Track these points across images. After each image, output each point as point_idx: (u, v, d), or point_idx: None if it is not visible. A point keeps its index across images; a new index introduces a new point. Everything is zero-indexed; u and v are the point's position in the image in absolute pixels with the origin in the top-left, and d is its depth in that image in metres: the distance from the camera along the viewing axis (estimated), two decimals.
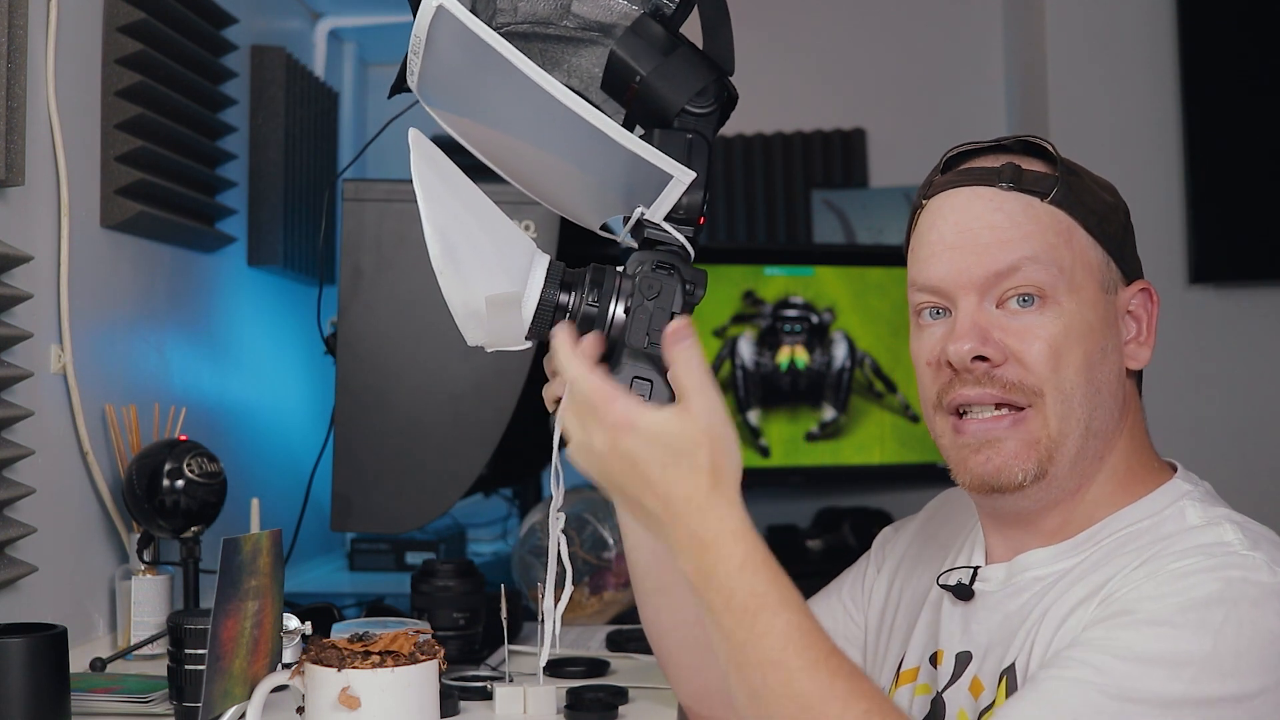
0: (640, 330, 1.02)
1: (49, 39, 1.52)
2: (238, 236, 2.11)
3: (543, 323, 1.05)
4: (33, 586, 1.45)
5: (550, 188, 1.16)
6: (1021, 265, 0.99)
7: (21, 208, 1.47)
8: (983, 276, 1.00)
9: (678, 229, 1.06)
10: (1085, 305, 1.00)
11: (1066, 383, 0.99)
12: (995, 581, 1.05)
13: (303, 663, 1.02)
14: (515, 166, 1.15)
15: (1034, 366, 0.99)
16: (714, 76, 1.06)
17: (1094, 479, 1.02)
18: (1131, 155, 2.48)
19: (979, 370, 1.00)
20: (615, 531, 1.80)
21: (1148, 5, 2.52)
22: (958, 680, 1.04)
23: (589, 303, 1.04)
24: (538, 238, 1.60)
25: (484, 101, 1.08)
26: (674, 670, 1.24)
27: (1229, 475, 1.10)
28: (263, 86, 2.20)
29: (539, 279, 1.04)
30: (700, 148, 1.05)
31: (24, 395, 1.45)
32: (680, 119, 1.06)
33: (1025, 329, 0.99)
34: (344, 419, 1.64)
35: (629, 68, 1.05)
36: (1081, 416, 0.99)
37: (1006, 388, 1.00)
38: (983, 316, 1.01)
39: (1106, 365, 1.00)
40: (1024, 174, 1.02)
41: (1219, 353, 2.46)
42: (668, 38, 1.06)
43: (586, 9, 1.09)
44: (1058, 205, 1.01)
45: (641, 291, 1.03)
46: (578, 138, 1.02)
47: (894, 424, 2.47)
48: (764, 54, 2.79)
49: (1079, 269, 1.00)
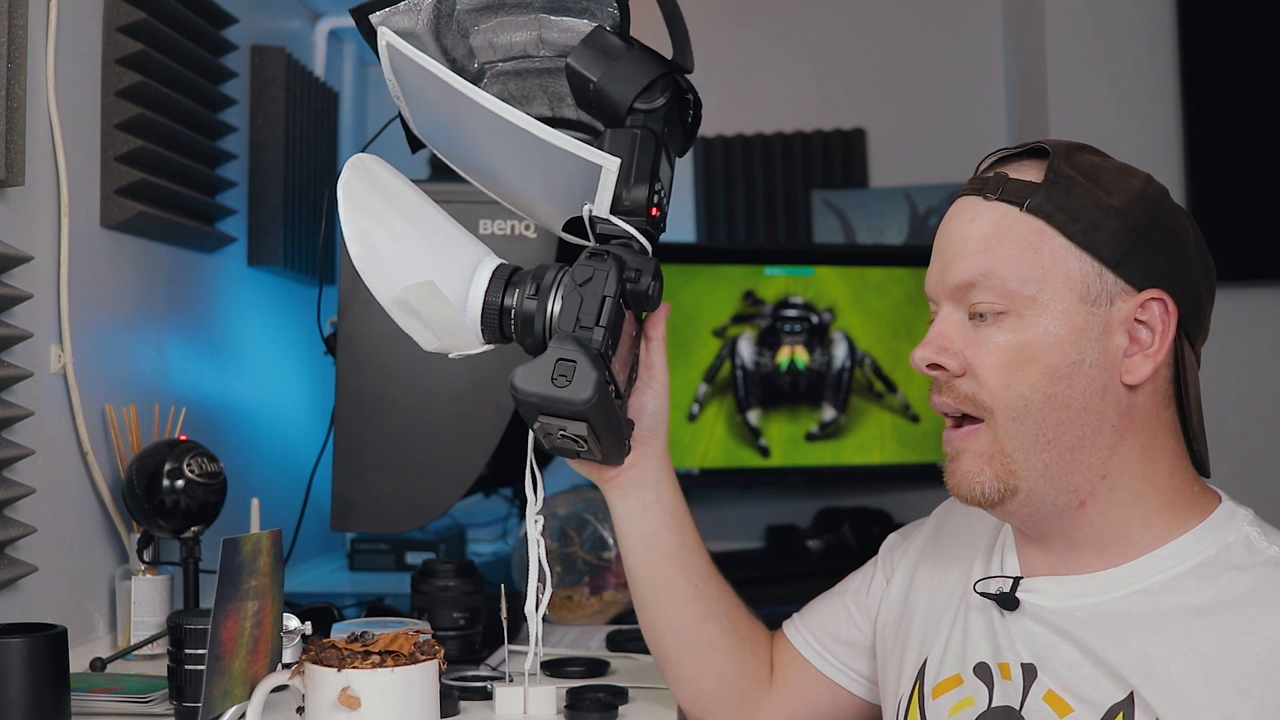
0: (570, 314, 1.03)
1: (49, 39, 1.52)
2: (238, 236, 2.11)
3: (490, 323, 1.07)
4: (33, 586, 1.45)
5: (518, 198, 1.20)
6: (976, 282, 1.00)
7: (21, 208, 1.47)
8: (951, 288, 1.02)
9: (628, 221, 1.07)
10: (1053, 318, 0.98)
11: (1018, 399, 0.98)
12: (1049, 596, 1.03)
13: (303, 663, 1.02)
14: (493, 183, 1.20)
15: (985, 381, 1.00)
16: (660, 73, 1.08)
17: (1101, 495, 1.00)
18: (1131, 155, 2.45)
19: (940, 378, 1.03)
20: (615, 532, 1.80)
21: (1148, 5, 2.51)
22: (1029, 694, 1.01)
23: (528, 297, 1.05)
24: (536, 239, 1.61)
25: (452, 127, 1.13)
26: (673, 674, 1.24)
27: (1229, 475, 1.09)
28: (263, 86, 2.20)
29: (483, 280, 1.07)
30: (647, 141, 1.07)
31: (24, 395, 1.45)
32: (631, 117, 1.09)
33: (981, 342, 1.00)
34: (344, 419, 1.64)
35: (583, 77, 1.09)
36: (1037, 432, 0.98)
37: (959, 399, 1.01)
38: (950, 326, 1.02)
39: (1080, 379, 0.98)
40: (1009, 183, 1.01)
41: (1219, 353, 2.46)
42: (618, 44, 1.09)
43: (555, 35, 1.14)
44: (1034, 213, 0.99)
45: (573, 278, 1.04)
46: (519, 144, 1.05)
47: (894, 424, 2.47)
48: (764, 54, 2.79)
49: (1052, 280, 0.98)
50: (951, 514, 1.22)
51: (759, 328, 2.41)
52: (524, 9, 1.12)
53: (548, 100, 1.18)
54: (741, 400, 2.39)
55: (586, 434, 1.03)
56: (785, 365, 2.43)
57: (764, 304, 2.41)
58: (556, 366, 1.00)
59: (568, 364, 1.00)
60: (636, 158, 1.06)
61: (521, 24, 1.13)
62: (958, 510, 1.21)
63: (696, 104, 1.15)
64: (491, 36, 1.14)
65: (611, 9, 1.11)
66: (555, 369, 1.00)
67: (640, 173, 1.06)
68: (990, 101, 2.79)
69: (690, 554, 1.20)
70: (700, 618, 1.20)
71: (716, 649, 1.21)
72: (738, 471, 2.41)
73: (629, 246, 1.07)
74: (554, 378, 1.00)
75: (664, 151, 1.09)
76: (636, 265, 1.05)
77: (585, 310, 1.02)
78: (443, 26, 1.12)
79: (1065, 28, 2.54)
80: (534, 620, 1.15)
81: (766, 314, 2.41)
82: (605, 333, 1.02)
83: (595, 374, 0.99)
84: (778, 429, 2.43)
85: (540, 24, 1.13)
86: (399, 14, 1.10)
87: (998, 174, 1.03)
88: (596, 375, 0.99)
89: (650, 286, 1.06)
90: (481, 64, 1.16)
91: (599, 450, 1.08)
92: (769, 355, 2.42)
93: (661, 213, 1.09)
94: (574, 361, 1.00)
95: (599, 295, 1.03)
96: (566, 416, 1.01)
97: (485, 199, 1.24)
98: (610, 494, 1.18)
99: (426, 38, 1.11)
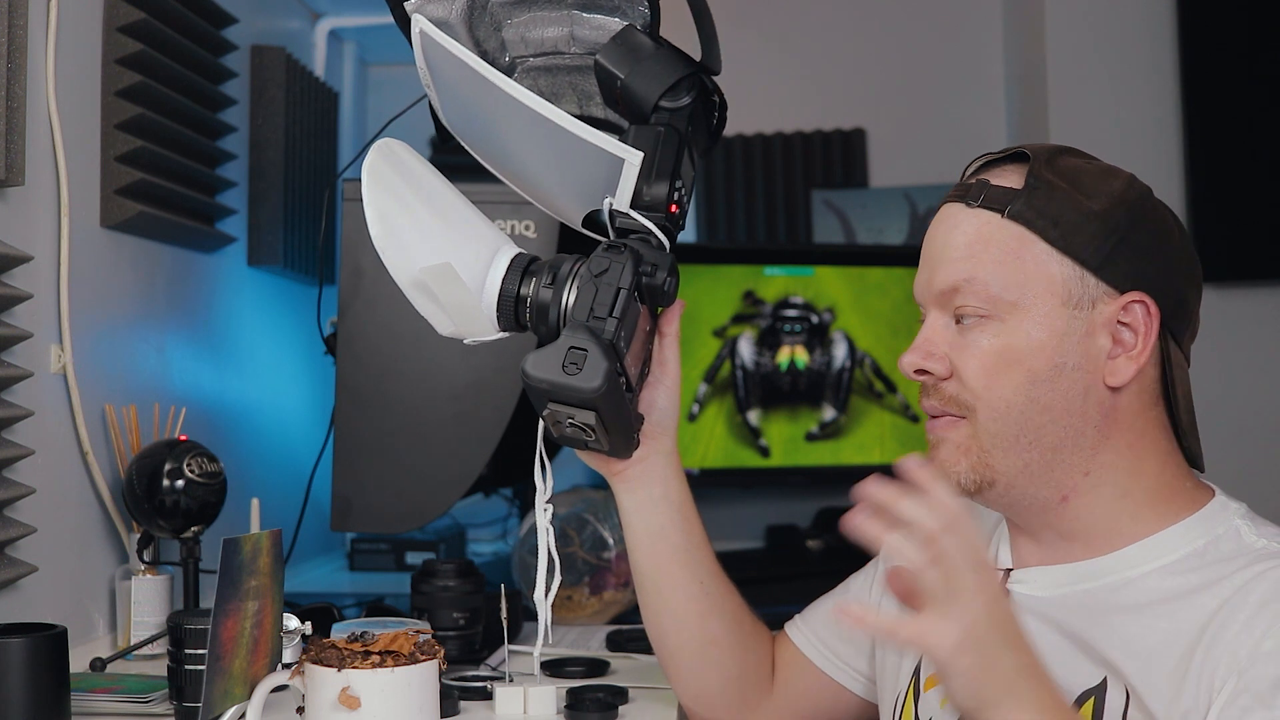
0: (585, 304, 1.03)
1: (49, 39, 1.52)
2: (238, 236, 2.11)
3: (506, 311, 1.07)
4: (33, 586, 1.45)
5: (540, 191, 1.21)
6: (960, 287, 1.02)
7: (21, 208, 1.47)
8: (936, 293, 1.05)
9: (647, 216, 1.07)
10: (1035, 323, 0.99)
11: (1000, 400, 1.00)
12: (1036, 585, 1.05)
13: (303, 663, 1.02)
14: (517, 176, 1.21)
15: (968, 383, 1.01)
16: (687, 72, 1.09)
17: (1085, 490, 1.01)
18: (1131, 155, 2.46)
19: (926, 383, 1.05)
20: (615, 531, 1.80)
21: (1148, 5, 2.52)
22: None
23: (544, 286, 1.06)
24: (537, 238, 1.61)
25: (480, 118, 1.15)
26: (675, 671, 1.24)
27: (1230, 474, 1.10)
28: (263, 86, 2.20)
29: (501, 267, 1.07)
30: (670, 139, 1.08)
31: (24, 395, 1.45)
32: (656, 115, 1.09)
33: (965, 346, 1.02)
34: (344, 419, 1.64)
35: (611, 74, 1.11)
36: (1017, 433, 1.00)
37: (944, 401, 1.03)
38: (935, 331, 1.04)
39: (1062, 382, 0.99)
40: (990, 190, 1.02)
41: (1218, 353, 2.46)
42: (646, 43, 1.10)
43: (586, 32, 1.14)
44: (1014, 219, 1.01)
45: (590, 269, 1.05)
46: (546, 136, 1.07)
47: (894, 424, 2.47)
48: (764, 54, 2.79)
49: (1034, 284, 1.00)
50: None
51: (759, 328, 2.41)
52: (557, 5, 1.13)
53: (576, 98, 1.19)
54: (741, 400, 2.39)
55: (595, 423, 1.03)
56: (785, 365, 2.43)
57: (764, 304, 2.41)
58: (568, 354, 1.00)
59: (579, 352, 1.00)
60: (659, 154, 1.07)
61: (554, 19, 1.13)
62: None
63: (722, 105, 1.15)
64: (524, 31, 1.14)
65: (643, 8, 1.12)
66: (567, 356, 1.00)
67: (662, 169, 1.06)
68: (990, 101, 2.79)
69: (696, 551, 1.20)
70: (704, 614, 1.20)
71: (720, 646, 1.21)
72: (738, 471, 2.41)
73: (647, 241, 1.08)
74: (565, 365, 1.00)
75: (687, 150, 1.10)
76: (653, 260, 1.06)
77: (600, 301, 1.03)
78: (476, 18, 1.12)
79: (1065, 28, 2.54)
80: (543, 608, 1.15)
81: (766, 314, 2.41)
82: (618, 324, 1.02)
83: (606, 363, 0.99)
84: (778, 429, 2.42)
85: (573, 20, 1.13)
86: (433, 3, 1.10)
87: (979, 181, 1.04)
88: (607, 365, 0.99)
89: (666, 282, 1.07)
90: (513, 58, 1.16)
91: (607, 441, 1.08)
92: (769, 355, 2.41)
93: (681, 210, 1.10)
94: (585, 350, 1.00)
95: (614, 287, 1.03)
96: (575, 404, 1.02)
97: (485, 199, 1.25)
98: (618, 487, 1.19)
99: (460, 28, 1.11)
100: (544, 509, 1.15)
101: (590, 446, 1.09)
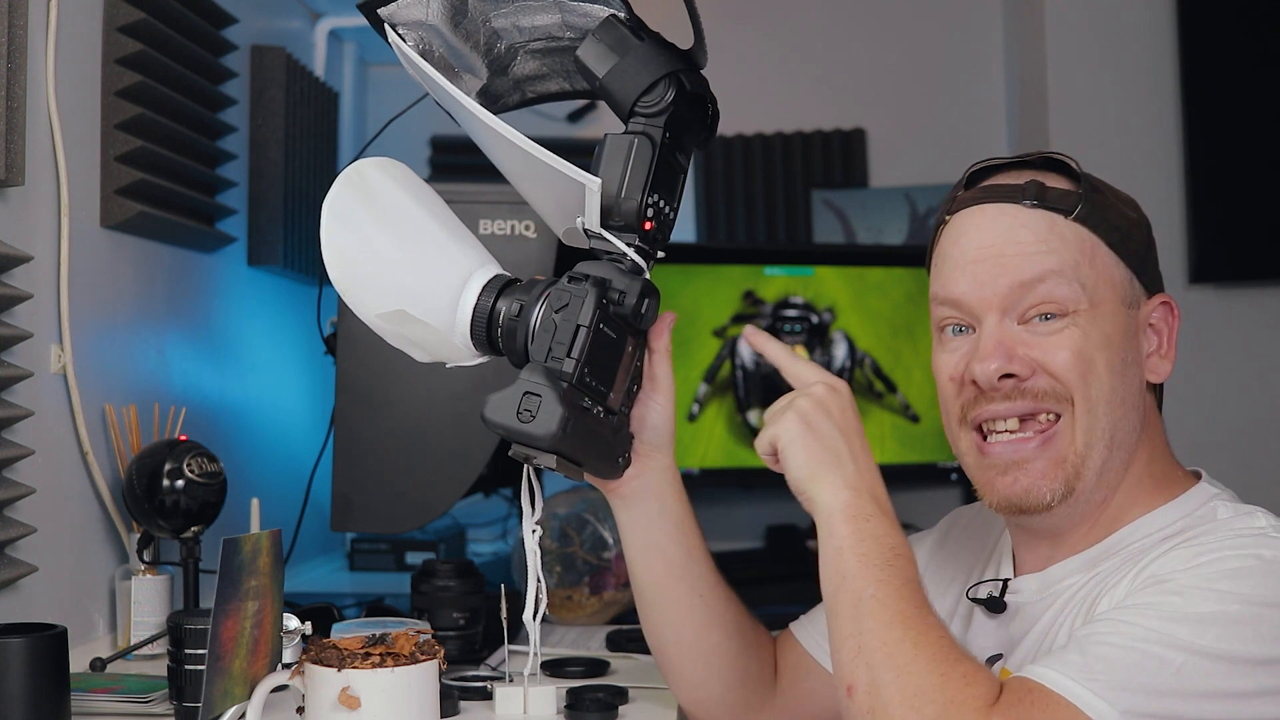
0: (543, 344, 1.00)
1: (49, 39, 1.52)
2: (238, 236, 2.11)
3: (479, 336, 1.04)
4: (33, 586, 1.45)
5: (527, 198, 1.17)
6: (1046, 277, 1.00)
7: (21, 208, 1.47)
8: (1006, 290, 1.01)
9: (620, 236, 1.04)
10: (1106, 320, 1.01)
11: (1093, 391, 1.00)
12: (1028, 592, 1.07)
13: (303, 663, 1.02)
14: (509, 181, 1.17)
15: (1062, 375, 1.00)
16: (665, 72, 1.04)
17: (1118, 490, 1.04)
18: (1131, 156, 2.48)
19: (1007, 387, 1.02)
20: (615, 531, 1.80)
21: (1148, 5, 2.52)
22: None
23: (511, 315, 1.03)
24: (536, 239, 1.60)
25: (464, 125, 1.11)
26: (676, 681, 1.24)
27: (1229, 475, 1.10)
28: (263, 86, 2.20)
29: (471, 296, 1.05)
30: (643, 150, 1.03)
31: (24, 395, 1.45)
32: (631, 120, 1.05)
33: (1046, 342, 1.01)
34: (344, 419, 1.64)
35: (589, 72, 1.06)
36: (1106, 427, 1.01)
37: (1038, 397, 1.01)
38: (1006, 334, 1.02)
39: (1128, 378, 1.02)
40: (1048, 191, 1.03)
41: (1219, 353, 2.46)
42: (627, 37, 1.05)
43: (576, 19, 1.10)
44: (1081, 222, 1.02)
45: (550, 304, 1.01)
46: (513, 154, 1.03)
47: (894, 424, 2.47)
48: (764, 54, 2.79)
49: (1101, 285, 1.02)
50: (955, 526, 1.24)
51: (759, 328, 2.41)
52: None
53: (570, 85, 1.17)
54: (741, 400, 2.39)
55: (556, 465, 1.01)
56: None
57: (764, 304, 2.41)
58: (522, 400, 0.97)
59: (534, 398, 0.97)
60: (629, 169, 1.02)
61: (541, 7, 1.09)
62: (962, 523, 1.24)
63: (712, 98, 1.11)
64: (514, 19, 1.11)
65: None
66: (521, 403, 0.97)
67: (632, 186, 1.02)
68: (990, 101, 2.79)
69: (694, 564, 1.19)
70: (703, 626, 1.20)
71: (720, 655, 1.21)
72: (738, 471, 2.41)
73: (614, 264, 1.04)
74: (519, 412, 0.97)
75: (671, 155, 1.06)
76: (621, 287, 1.03)
77: (558, 340, 1.00)
78: (457, 15, 1.09)
79: (1065, 28, 2.54)
80: (533, 630, 1.14)
81: (766, 314, 2.41)
82: (577, 364, 0.99)
83: (560, 409, 0.96)
84: None
85: (560, 8, 1.09)
86: (408, 6, 1.08)
87: (1033, 182, 1.04)
88: (562, 411, 0.96)
89: (639, 306, 1.03)
90: (510, 44, 1.13)
91: (578, 473, 1.06)
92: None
93: (660, 224, 1.05)
94: (539, 396, 0.97)
95: (573, 324, 1.00)
96: (533, 449, 1.00)
97: (485, 199, 1.23)
98: (614, 502, 1.18)
99: (442, 26, 1.08)
100: (532, 531, 1.14)
101: (567, 476, 1.07)
